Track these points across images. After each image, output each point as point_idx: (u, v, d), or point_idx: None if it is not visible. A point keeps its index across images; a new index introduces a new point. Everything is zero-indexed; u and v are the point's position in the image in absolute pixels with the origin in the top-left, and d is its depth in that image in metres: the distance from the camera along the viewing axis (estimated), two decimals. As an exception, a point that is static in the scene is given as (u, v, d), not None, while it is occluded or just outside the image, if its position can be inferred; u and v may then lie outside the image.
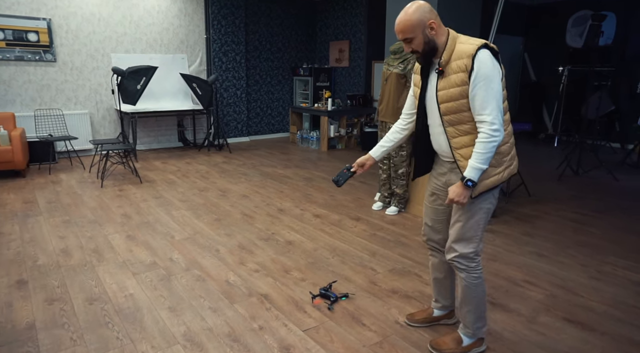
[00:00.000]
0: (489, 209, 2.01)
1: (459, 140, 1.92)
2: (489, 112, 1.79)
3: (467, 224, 2.01)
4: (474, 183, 1.86)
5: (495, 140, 1.80)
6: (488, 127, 1.79)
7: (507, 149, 1.93)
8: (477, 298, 2.08)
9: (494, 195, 2.00)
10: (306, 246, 3.50)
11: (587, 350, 2.24)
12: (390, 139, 2.26)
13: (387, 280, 2.95)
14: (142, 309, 2.55)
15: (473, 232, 2.01)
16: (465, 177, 1.86)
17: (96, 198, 4.65)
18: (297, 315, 2.51)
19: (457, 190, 1.90)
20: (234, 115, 8.34)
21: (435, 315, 2.42)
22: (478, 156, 1.83)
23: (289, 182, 5.50)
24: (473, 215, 1.99)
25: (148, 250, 3.37)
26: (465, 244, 2.03)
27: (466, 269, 2.06)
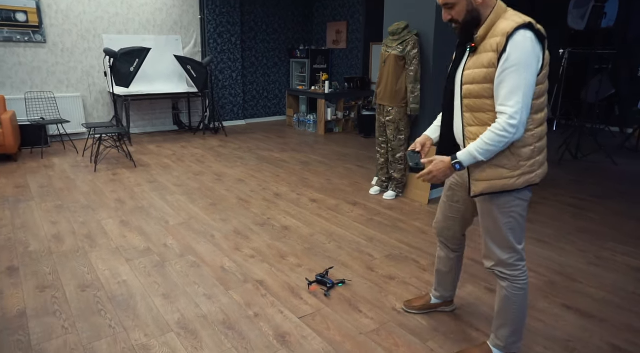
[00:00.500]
0: (516, 214, 1.76)
1: (474, 130, 1.71)
2: (513, 105, 1.55)
3: (492, 231, 1.81)
4: (461, 167, 1.70)
5: (507, 137, 1.58)
6: (505, 120, 1.57)
7: (529, 153, 1.67)
8: (517, 311, 1.87)
9: (517, 198, 1.74)
10: (302, 231, 3.46)
11: (585, 337, 2.22)
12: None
13: (384, 266, 2.92)
14: (135, 296, 2.51)
15: (502, 238, 1.79)
16: (455, 156, 1.70)
17: (89, 183, 4.58)
18: (293, 302, 2.48)
19: (439, 164, 1.73)
20: (229, 98, 8.21)
21: (433, 303, 2.38)
22: (479, 144, 1.64)
23: (285, 166, 5.44)
24: (495, 220, 1.78)
25: (142, 236, 3.32)
26: (500, 250, 1.82)
27: (508, 278, 1.84)
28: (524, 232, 1.83)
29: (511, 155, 1.67)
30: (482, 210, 1.83)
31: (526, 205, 1.77)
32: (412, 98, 3.93)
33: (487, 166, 1.70)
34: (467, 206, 2.02)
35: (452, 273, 2.27)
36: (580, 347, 2.15)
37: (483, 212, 1.82)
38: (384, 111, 4.14)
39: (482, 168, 1.72)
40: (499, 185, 1.70)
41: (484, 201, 1.80)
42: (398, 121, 4.04)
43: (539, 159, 1.70)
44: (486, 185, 1.72)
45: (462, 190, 1.99)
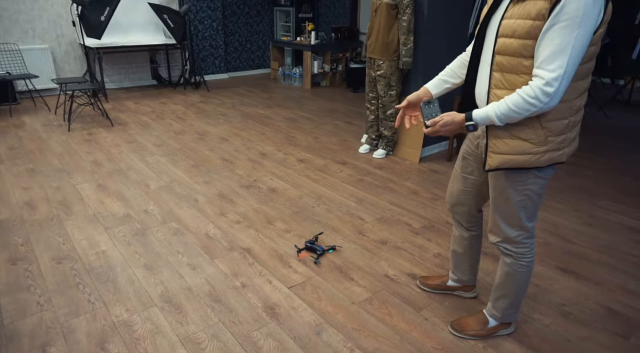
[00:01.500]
0: (531, 192, 1.58)
1: (501, 94, 1.45)
2: (554, 69, 1.29)
3: (501, 207, 1.64)
4: (474, 127, 1.48)
5: (537, 106, 1.34)
6: (540, 86, 1.32)
7: (561, 128, 1.44)
8: (518, 286, 1.78)
9: (536, 176, 1.54)
10: (290, 194, 3.32)
11: (580, 301, 2.18)
12: (457, 73, 1.74)
13: (376, 230, 2.82)
14: (115, 268, 2.37)
15: (512, 216, 1.63)
16: (470, 115, 1.47)
17: (63, 144, 4.32)
18: (282, 271, 2.38)
19: (449, 124, 1.51)
20: (210, 50, 7.77)
21: (450, 285, 2.19)
22: (502, 107, 1.39)
23: (270, 123, 5.21)
24: (507, 198, 1.61)
25: (121, 202, 3.15)
26: (509, 227, 1.67)
27: (513, 255, 1.72)
28: (538, 210, 1.66)
29: (540, 128, 1.43)
30: (494, 184, 1.64)
31: (545, 183, 1.57)
32: (404, 51, 3.69)
33: (509, 137, 1.47)
34: (483, 178, 1.80)
35: (467, 255, 2.05)
36: (576, 311, 2.11)
37: (495, 186, 1.64)
38: (374, 65, 3.90)
39: (503, 139, 1.49)
40: (519, 161, 1.48)
41: (499, 176, 1.60)
42: (389, 76, 3.82)
43: (570, 135, 1.47)
44: (504, 159, 1.50)
45: (477, 161, 1.77)
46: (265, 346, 1.86)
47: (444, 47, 3.91)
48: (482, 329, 1.91)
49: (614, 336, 1.96)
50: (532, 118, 1.42)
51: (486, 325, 1.91)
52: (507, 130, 1.47)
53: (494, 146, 1.52)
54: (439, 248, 2.62)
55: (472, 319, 1.95)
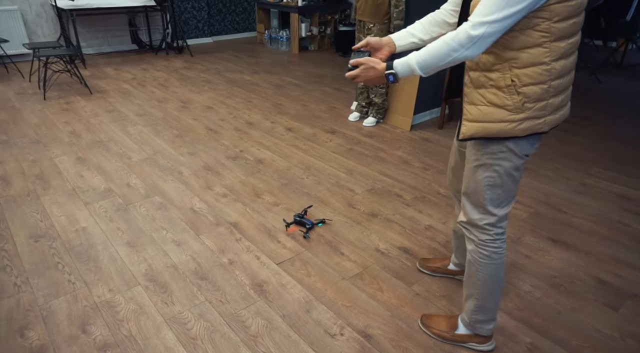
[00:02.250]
0: (501, 169, 1.41)
1: (475, 76, 1.36)
2: (484, 14, 1.17)
3: (470, 183, 1.50)
4: (394, 77, 1.34)
5: (455, 49, 1.21)
6: (466, 28, 1.20)
7: (539, 93, 1.29)
8: (482, 282, 1.58)
9: (509, 150, 1.38)
10: (278, 165, 3.22)
11: (571, 272, 2.17)
12: (427, 30, 1.57)
13: (366, 201, 2.76)
14: (96, 246, 2.29)
15: (478, 195, 1.48)
16: (391, 64, 1.34)
17: (38, 113, 4.13)
18: (270, 246, 2.32)
19: (370, 71, 1.38)
20: (192, 12, 7.41)
21: (450, 269, 2.09)
22: (422, 52, 1.27)
23: (257, 90, 5.03)
24: (475, 171, 1.46)
25: (101, 175, 3.03)
26: (472, 208, 1.52)
27: (474, 240, 1.56)
28: (510, 196, 1.47)
29: (515, 93, 1.29)
30: (467, 154, 1.51)
31: (520, 162, 1.41)
32: (395, 13, 3.51)
33: (483, 104, 1.35)
34: None
35: None
36: (566, 282, 2.10)
37: (468, 156, 1.50)
38: (364, 28, 3.72)
39: (477, 105, 1.37)
40: (494, 129, 1.35)
41: (473, 146, 1.46)
42: (380, 39, 3.65)
43: (552, 101, 1.31)
44: (478, 127, 1.37)
45: None
46: (254, 325, 1.81)
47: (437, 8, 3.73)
48: (447, 332, 1.75)
49: (604, 307, 1.96)
50: (506, 81, 1.29)
51: (453, 330, 1.74)
52: (482, 95, 1.35)
53: (468, 113, 1.41)
54: (430, 220, 2.57)
55: (443, 319, 1.80)
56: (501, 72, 1.30)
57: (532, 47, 1.24)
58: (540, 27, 1.21)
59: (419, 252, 2.29)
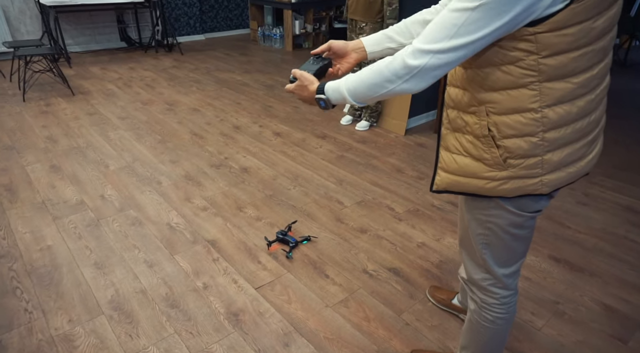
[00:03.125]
0: (496, 227, 1.14)
1: (453, 93, 1.08)
2: (429, 40, 0.89)
3: (464, 235, 1.28)
4: (325, 103, 1.09)
5: (392, 80, 0.95)
6: (404, 54, 0.93)
7: (525, 148, 0.99)
8: (483, 344, 1.37)
9: (502, 209, 1.11)
10: (264, 174, 3.04)
11: (575, 297, 2.00)
12: (411, 32, 1.23)
13: (355, 215, 2.58)
14: (61, 267, 2.11)
15: (475, 252, 1.25)
16: (323, 87, 1.09)
17: (16, 116, 3.94)
18: (250, 267, 2.14)
19: (303, 90, 1.14)
20: (184, 8, 7.20)
21: (454, 304, 1.86)
22: (355, 77, 1.02)
23: (247, 91, 4.84)
24: (467, 225, 1.23)
25: (75, 185, 2.84)
26: (472, 265, 1.28)
27: (477, 302, 1.32)
28: (517, 255, 1.20)
29: (493, 146, 1.01)
30: (459, 202, 1.30)
31: (520, 221, 1.11)
32: (388, 11, 3.31)
33: (459, 153, 1.09)
34: None
35: None
36: (570, 309, 1.93)
37: (460, 205, 1.29)
38: (356, 27, 3.53)
39: (452, 153, 1.11)
40: (471, 186, 1.09)
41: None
42: (373, 40, 3.46)
43: (549, 157, 0.99)
44: (453, 180, 1.12)
45: None
46: (225, 362, 1.64)
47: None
48: None
49: (612, 339, 1.79)
50: (483, 130, 1.01)
51: None
52: (458, 140, 1.09)
53: (443, 161, 1.15)
54: (423, 237, 2.40)
55: None
56: (477, 116, 1.02)
57: (513, 88, 0.94)
58: (524, 63, 0.90)
59: (410, 274, 2.12)
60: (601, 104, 1.02)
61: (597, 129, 1.04)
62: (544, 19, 0.84)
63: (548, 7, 0.83)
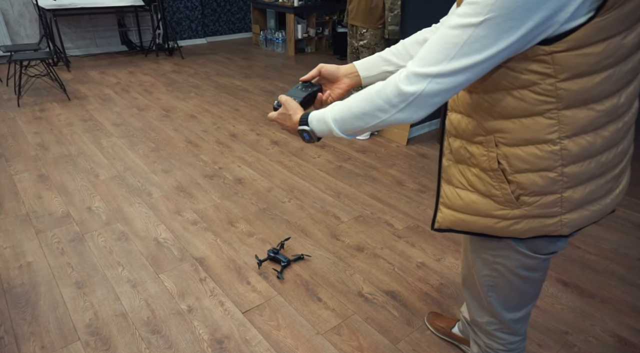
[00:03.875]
0: (503, 268, 1.02)
1: (455, 119, 0.95)
2: (426, 63, 0.77)
3: (468, 274, 1.19)
4: (309, 135, 0.96)
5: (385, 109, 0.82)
6: (397, 79, 0.80)
7: (540, 184, 0.86)
8: None
9: (512, 250, 0.99)
10: (259, 185, 2.93)
11: (585, 327, 1.86)
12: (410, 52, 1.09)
13: (352, 232, 2.46)
14: (39, 286, 2.00)
15: (479, 293, 1.13)
16: (306, 117, 0.96)
17: (9, 122, 3.85)
18: (238, 289, 2.02)
19: (286, 118, 1.01)
20: (185, 12, 7.12)
21: (455, 333, 1.73)
22: (342, 105, 0.89)
23: (246, 97, 4.73)
24: (472, 263, 1.11)
25: (62, 196, 2.74)
26: (476, 306, 1.17)
27: (480, 345, 1.21)
28: (527, 298, 1.08)
29: (504, 181, 0.88)
30: (463, 238, 1.19)
31: (533, 263, 0.99)
32: (390, 17, 3.20)
33: (464, 187, 0.96)
34: None
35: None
36: (580, 341, 1.79)
37: (464, 242, 1.18)
38: (356, 33, 3.41)
39: (456, 188, 0.98)
40: (478, 225, 0.96)
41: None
42: (373, 46, 3.34)
43: (570, 195, 0.86)
44: (458, 218, 0.99)
45: None
46: (206, 397, 1.52)
47: (435, 14, 3.41)
48: None
49: (626, 375, 1.65)
50: (491, 163, 0.88)
51: None
52: (462, 173, 0.96)
53: (445, 196, 1.02)
54: (423, 256, 2.27)
55: None
56: (485, 147, 0.89)
57: (526, 116, 0.81)
58: (539, 87, 0.77)
59: (408, 298, 1.99)
60: (629, 132, 0.88)
61: (624, 160, 0.91)
62: (562, 35, 0.71)
63: (567, 21, 0.70)
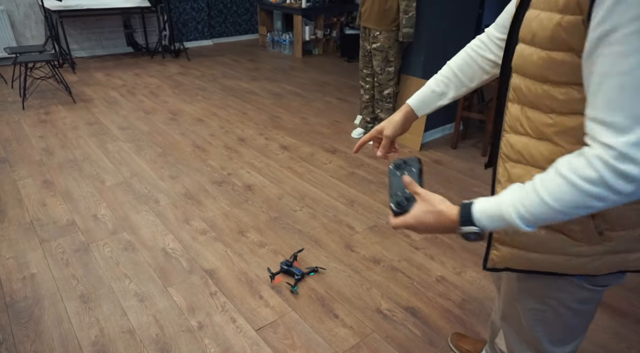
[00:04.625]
0: (556, 303, 0.92)
1: (518, 143, 0.83)
2: (629, 126, 0.60)
3: (509, 308, 1.05)
4: (477, 235, 0.75)
5: (609, 199, 0.63)
6: (609, 160, 0.62)
7: (634, 218, 0.77)
8: None
9: (577, 286, 0.89)
10: (269, 192, 2.84)
11: (621, 349, 1.76)
12: (463, 81, 1.03)
13: (368, 243, 2.36)
14: (42, 300, 1.92)
15: (524, 328, 1.01)
16: (468, 209, 0.75)
17: (13, 125, 3.78)
18: (251, 304, 1.93)
19: (428, 217, 0.78)
20: (192, 13, 7.05)
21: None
22: (529, 198, 0.69)
23: (254, 99, 4.65)
24: (517, 295, 0.99)
25: (67, 203, 2.66)
26: (518, 342, 1.06)
27: None
28: (576, 331, 0.98)
29: (589, 216, 0.77)
30: (503, 276, 1.06)
31: (589, 296, 0.90)
32: (405, 19, 3.10)
33: None
34: None
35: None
36: (613, 363, 1.69)
37: (503, 280, 1.06)
38: (369, 36, 3.32)
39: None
40: (546, 263, 0.84)
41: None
42: (387, 49, 3.25)
43: None
44: (518, 256, 0.87)
45: None
46: None
47: (451, 16, 3.32)
48: None
49: (665, 403, 1.55)
50: None
51: None
52: None
53: (502, 231, 0.87)
54: (442, 270, 2.17)
55: None
56: None
57: None
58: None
59: (429, 315, 1.89)
60: None
61: None
62: None
63: None
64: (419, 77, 3.37)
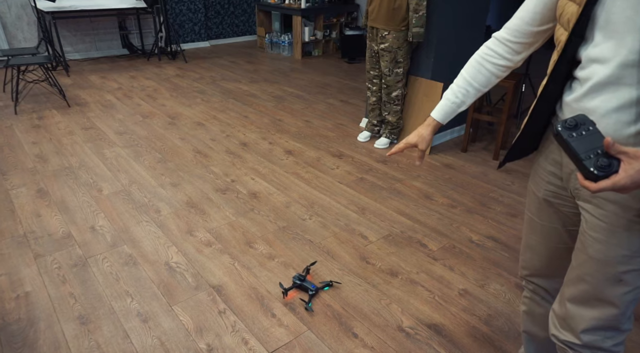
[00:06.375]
0: None
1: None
2: None
3: (600, 261, 0.95)
4: None
5: None
6: None
7: None
8: None
9: None
10: (275, 200, 2.70)
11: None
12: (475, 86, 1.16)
13: (383, 253, 2.24)
14: (38, 322, 1.78)
15: (609, 282, 0.95)
16: None
17: (5, 131, 3.62)
18: (263, 323, 1.80)
19: (633, 174, 0.74)
20: (188, 14, 6.91)
21: None
22: None
23: (255, 102, 4.52)
24: (620, 242, 0.92)
25: (63, 214, 2.52)
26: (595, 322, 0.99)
27: None
28: None
29: None
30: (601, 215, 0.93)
31: None
32: (415, 19, 2.98)
33: None
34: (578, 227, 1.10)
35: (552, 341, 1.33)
36: (655, 383, 1.57)
37: (601, 220, 0.94)
38: (377, 36, 3.20)
39: None
40: None
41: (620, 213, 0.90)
42: (396, 49, 3.13)
43: None
44: None
45: (568, 201, 1.05)
46: None
47: (462, 16, 3.20)
48: None
49: None
50: None
51: None
52: None
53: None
54: (464, 282, 2.05)
55: None
56: None
57: None
58: None
59: (455, 333, 1.77)
60: None
61: None
62: None
63: None
64: (429, 79, 3.25)
